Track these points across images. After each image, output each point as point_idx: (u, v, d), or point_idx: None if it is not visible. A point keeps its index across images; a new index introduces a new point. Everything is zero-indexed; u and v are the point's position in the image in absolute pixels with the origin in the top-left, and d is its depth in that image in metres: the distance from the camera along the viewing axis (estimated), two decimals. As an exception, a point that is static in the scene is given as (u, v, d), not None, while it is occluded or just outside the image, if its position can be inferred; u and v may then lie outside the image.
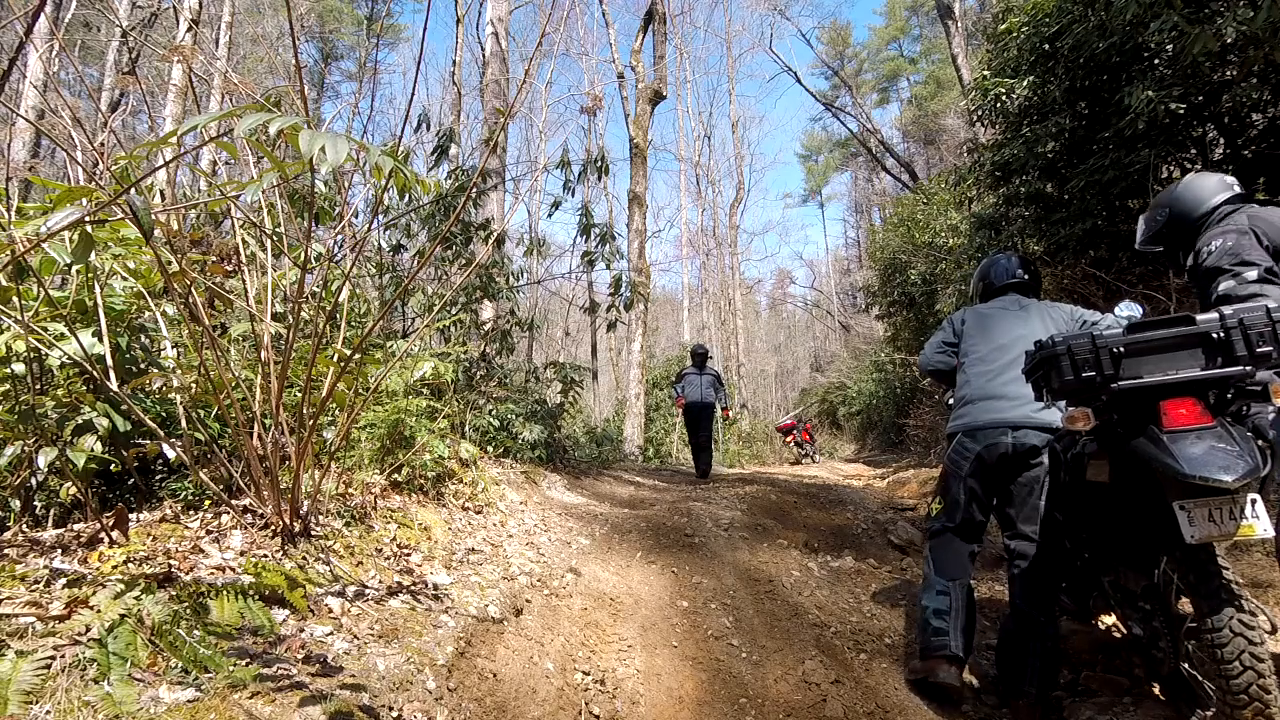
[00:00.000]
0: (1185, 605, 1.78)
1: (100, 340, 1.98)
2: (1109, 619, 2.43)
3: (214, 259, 2.39)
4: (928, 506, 2.61)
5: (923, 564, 2.56)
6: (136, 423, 2.07)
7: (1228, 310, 1.65)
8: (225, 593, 1.63)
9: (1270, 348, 1.59)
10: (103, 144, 2.32)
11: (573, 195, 5.87)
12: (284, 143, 3.32)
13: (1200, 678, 1.67)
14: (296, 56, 1.83)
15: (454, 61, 14.09)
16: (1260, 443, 1.65)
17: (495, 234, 5.69)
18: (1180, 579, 1.72)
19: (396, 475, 3.14)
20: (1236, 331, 1.61)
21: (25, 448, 1.92)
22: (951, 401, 2.58)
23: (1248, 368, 1.61)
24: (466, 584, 2.43)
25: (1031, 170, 6.22)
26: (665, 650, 2.38)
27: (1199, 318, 1.67)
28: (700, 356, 8.05)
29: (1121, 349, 1.67)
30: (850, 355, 21.44)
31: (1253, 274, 1.87)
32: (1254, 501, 1.59)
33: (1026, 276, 2.61)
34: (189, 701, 1.23)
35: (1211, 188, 2.14)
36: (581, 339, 25.42)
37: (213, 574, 1.79)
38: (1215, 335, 1.63)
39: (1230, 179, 2.15)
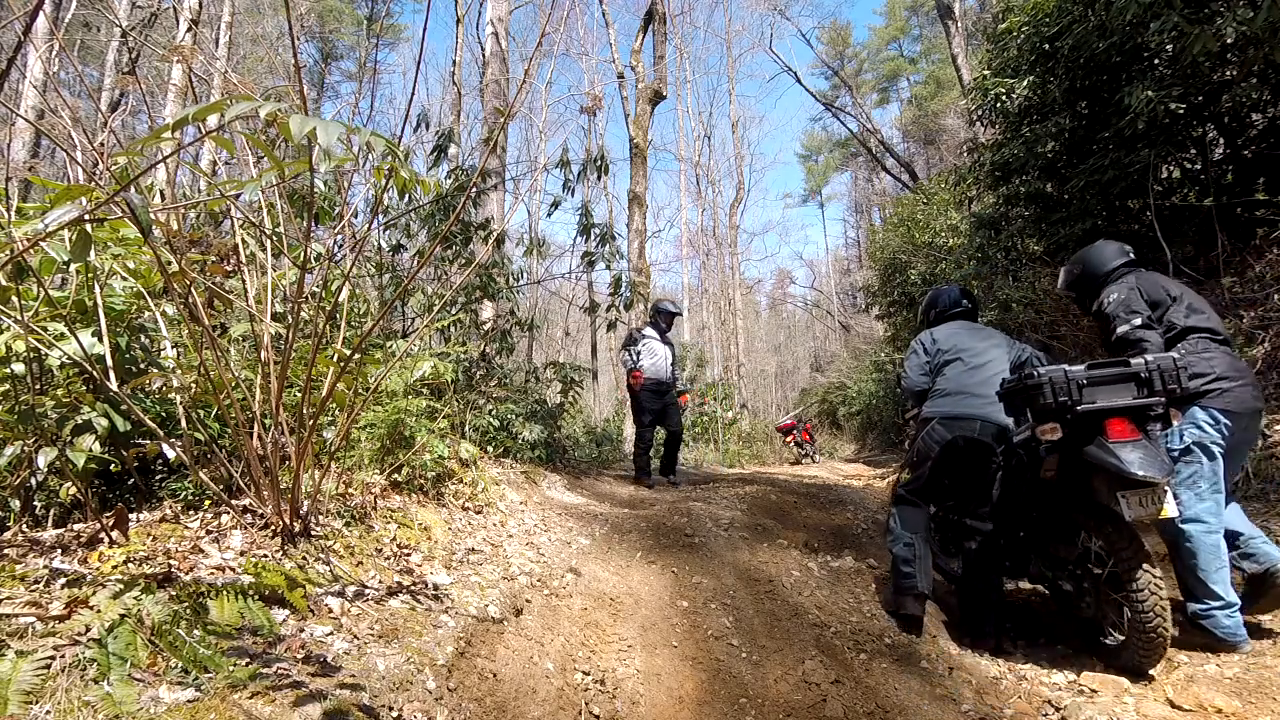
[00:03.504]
0: (1096, 570, 2.48)
1: (100, 340, 1.98)
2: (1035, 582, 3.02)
3: (214, 259, 2.39)
4: (899, 474, 3.13)
5: (890, 522, 3.02)
6: (136, 423, 2.06)
7: (1149, 358, 2.29)
8: (225, 593, 1.63)
9: (1175, 385, 2.24)
10: (103, 144, 2.32)
11: (572, 195, 5.87)
12: (284, 142, 3.32)
13: (1114, 618, 2.38)
14: (296, 56, 1.83)
15: (454, 61, 14.09)
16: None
17: (495, 234, 5.69)
18: (1110, 548, 2.36)
19: (396, 475, 3.14)
20: (1156, 373, 2.25)
21: (25, 448, 1.92)
22: (912, 416, 3.11)
23: (1162, 398, 2.25)
24: (466, 584, 2.43)
25: (1031, 170, 6.22)
26: (665, 650, 2.38)
27: (1133, 362, 2.30)
28: (669, 317, 6.18)
29: (1085, 381, 2.27)
30: (850, 355, 21.44)
31: (1138, 320, 2.61)
32: (1167, 491, 2.24)
33: (969, 305, 3.21)
34: (189, 701, 1.23)
35: (1113, 253, 2.88)
36: (581, 339, 25.41)
37: (213, 574, 1.79)
38: (1143, 375, 2.27)
39: (1127, 247, 2.89)
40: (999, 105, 6.08)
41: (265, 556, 1.98)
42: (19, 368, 2.06)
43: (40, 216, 1.61)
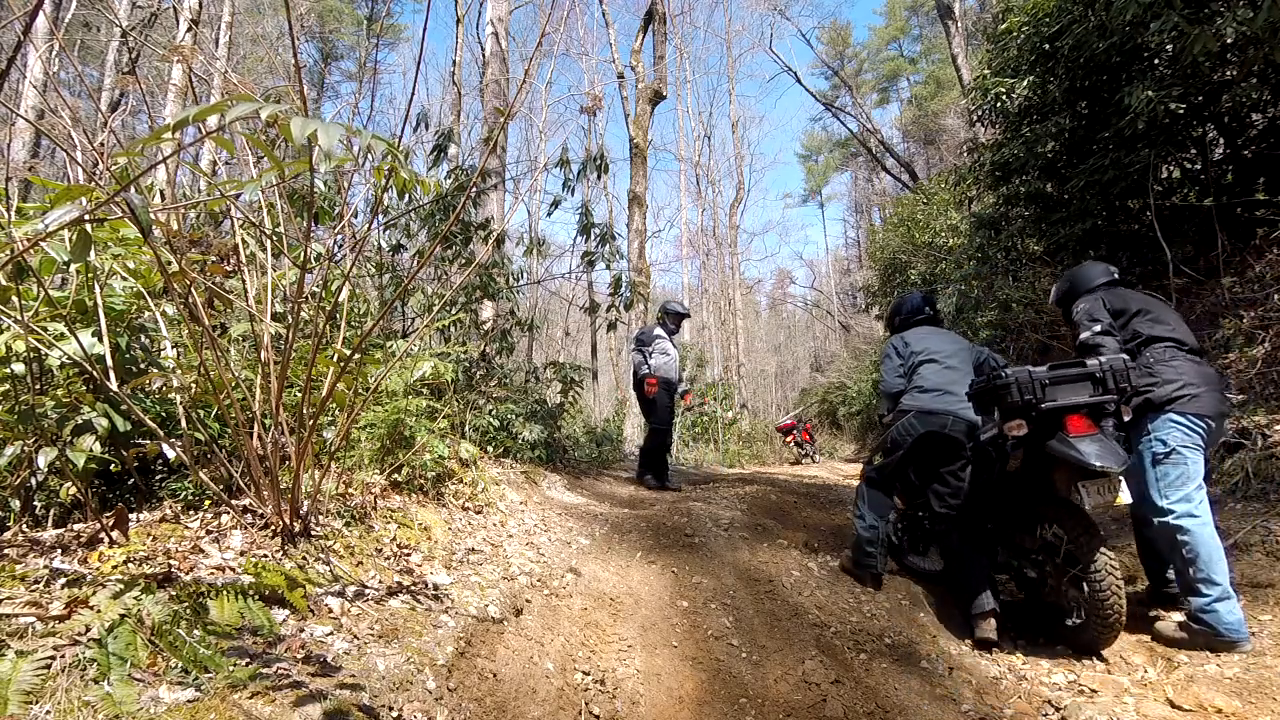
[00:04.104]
0: (1057, 556, 2.67)
1: (100, 340, 1.98)
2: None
3: (214, 259, 2.39)
4: (870, 455, 3.32)
5: (859, 500, 3.23)
6: (136, 423, 2.06)
7: (1104, 359, 2.53)
8: (225, 593, 1.63)
9: (1126, 384, 2.50)
10: (103, 144, 2.32)
11: (572, 194, 5.87)
12: (284, 142, 3.32)
13: (1073, 601, 2.55)
14: (296, 56, 1.83)
15: (454, 61, 14.10)
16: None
17: (495, 234, 5.69)
18: (1069, 535, 2.56)
19: (396, 475, 3.14)
20: (1110, 373, 2.48)
21: (25, 448, 1.92)
22: (891, 421, 3.21)
23: (1115, 396, 2.49)
24: (466, 584, 2.43)
25: (1031, 170, 6.22)
26: (665, 650, 2.38)
27: (1088, 363, 2.52)
28: (678, 318, 6.14)
29: (1047, 381, 2.49)
30: (850, 355, 21.44)
31: (1098, 327, 2.81)
32: (1121, 481, 2.46)
33: (932, 311, 3.42)
34: (189, 701, 1.23)
35: (1098, 272, 3.07)
36: (581, 339, 25.41)
37: (213, 574, 1.79)
38: (1098, 375, 2.49)
39: (1112, 268, 3.10)
40: (999, 105, 6.08)
41: (265, 556, 1.98)
42: (19, 368, 2.06)
43: (40, 216, 1.61)
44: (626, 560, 3.27)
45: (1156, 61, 4.95)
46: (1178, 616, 2.68)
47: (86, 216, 1.32)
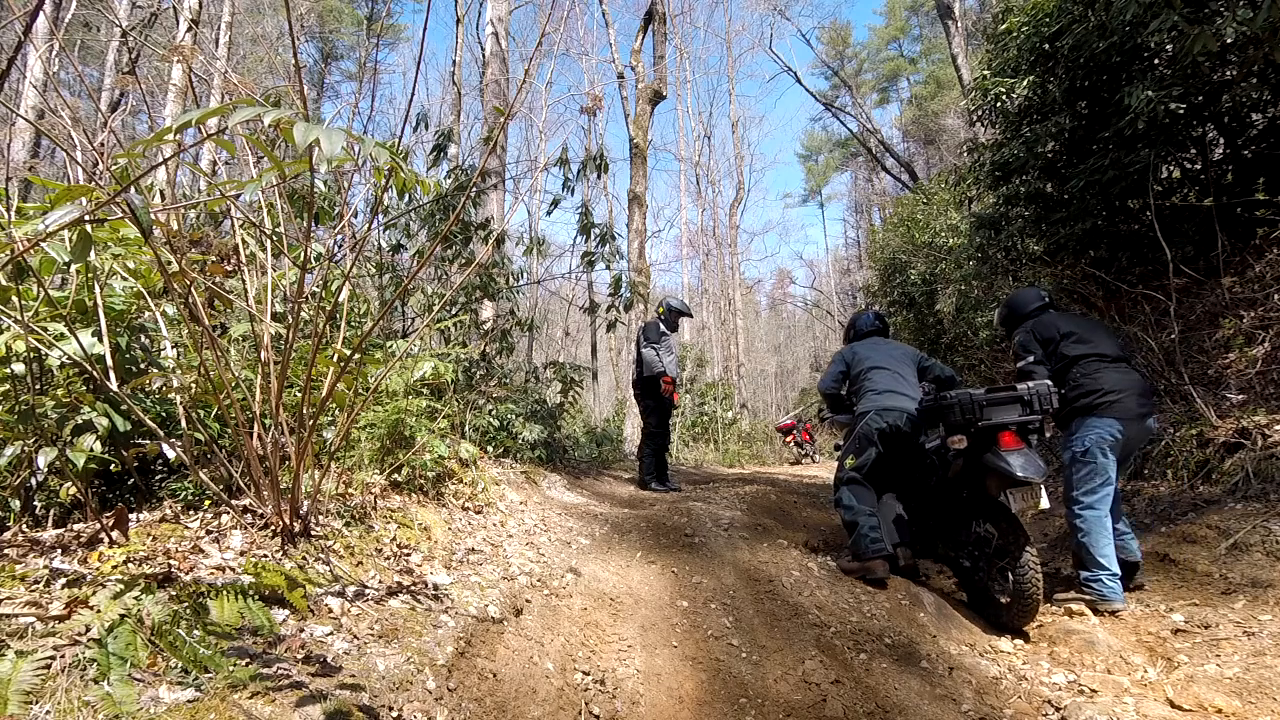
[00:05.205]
0: (988, 549, 3.01)
1: (100, 340, 1.98)
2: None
3: (214, 259, 2.39)
4: (840, 461, 3.56)
5: (841, 500, 3.44)
6: (136, 423, 2.06)
7: (1031, 384, 2.89)
8: (225, 593, 1.63)
9: (1049, 406, 2.87)
10: (103, 144, 2.32)
11: (572, 194, 5.87)
12: (284, 142, 3.32)
13: (998, 589, 2.90)
14: (296, 56, 1.83)
15: (454, 61, 14.10)
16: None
17: (495, 234, 5.69)
18: (999, 532, 2.92)
19: (396, 475, 3.14)
20: (1035, 397, 2.86)
21: (25, 448, 1.92)
22: (837, 416, 3.74)
23: (1039, 417, 2.85)
24: (466, 584, 2.43)
25: (1031, 170, 6.21)
26: (665, 650, 2.38)
27: (1019, 387, 2.90)
28: (679, 316, 6.01)
29: (984, 403, 2.87)
30: (850, 355, 21.35)
31: (1031, 358, 3.31)
32: (1042, 489, 2.88)
33: (881, 325, 3.92)
34: (189, 701, 1.23)
35: (1031, 298, 3.57)
36: (581, 339, 25.41)
37: (213, 574, 1.79)
38: (1025, 398, 2.86)
39: (1043, 292, 3.56)
40: (999, 105, 6.08)
41: (265, 556, 1.98)
42: (19, 368, 2.06)
43: (40, 217, 1.61)
44: (626, 560, 3.27)
45: (1156, 61, 4.95)
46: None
47: (86, 216, 1.32)
